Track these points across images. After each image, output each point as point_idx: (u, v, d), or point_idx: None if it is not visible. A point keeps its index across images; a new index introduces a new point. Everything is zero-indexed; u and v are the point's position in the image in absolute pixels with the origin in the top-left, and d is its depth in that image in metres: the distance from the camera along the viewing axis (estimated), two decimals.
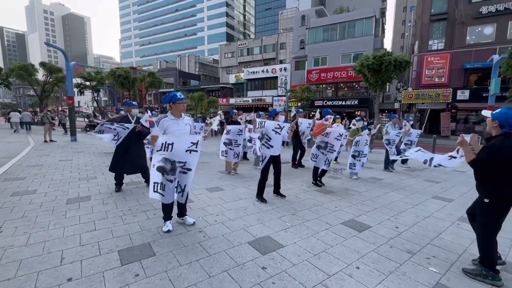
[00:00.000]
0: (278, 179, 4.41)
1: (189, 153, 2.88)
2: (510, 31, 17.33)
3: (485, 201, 2.28)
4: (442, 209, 4.19)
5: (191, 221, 3.23)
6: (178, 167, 2.87)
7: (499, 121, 2.21)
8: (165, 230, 2.99)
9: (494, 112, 2.30)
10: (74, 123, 12.33)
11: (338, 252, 2.68)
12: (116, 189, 4.51)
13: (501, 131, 2.22)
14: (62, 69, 26.57)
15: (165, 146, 2.78)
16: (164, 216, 3.08)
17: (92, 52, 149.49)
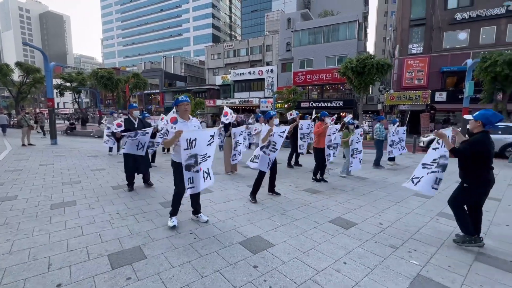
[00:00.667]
0: (274, 178, 4.65)
1: (209, 146, 3.16)
2: (482, 36, 18.42)
3: (464, 186, 2.83)
4: (423, 205, 4.42)
5: (205, 218, 3.42)
6: (199, 158, 3.07)
7: (482, 121, 2.72)
8: (171, 225, 3.15)
9: (475, 114, 2.82)
10: (54, 125, 11.87)
11: (326, 249, 2.78)
12: (128, 189, 4.73)
13: (482, 129, 2.73)
14: (40, 69, 25.44)
15: (190, 142, 2.93)
16: (172, 211, 3.24)
17: (72, 52, 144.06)
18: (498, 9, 17.58)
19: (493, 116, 2.66)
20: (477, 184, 2.74)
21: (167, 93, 42.42)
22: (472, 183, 2.75)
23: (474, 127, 2.78)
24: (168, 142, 3.03)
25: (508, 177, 6.82)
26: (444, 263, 2.57)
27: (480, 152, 2.63)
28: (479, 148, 2.63)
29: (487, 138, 2.66)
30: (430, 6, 19.63)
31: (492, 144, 2.71)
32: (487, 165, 2.69)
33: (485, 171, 2.71)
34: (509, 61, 12.81)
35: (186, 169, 2.97)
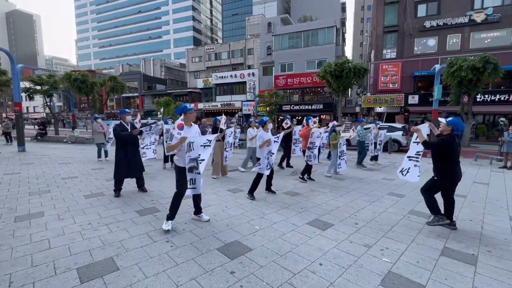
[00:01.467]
0: (271, 178, 5.06)
1: (204, 148, 3.23)
2: (449, 43, 19.72)
3: (434, 178, 3.50)
4: (396, 204, 4.62)
5: (207, 218, 3.61)
6: (198, 161, 3.20)
7: (453, 127, 3.35)
8: (165, 228, 3.22)
9: (448, 120, 3.43)
10: (22, 131, 11.15)
11: (303, 251, 2.83)
12: (115, 194, 4.69)
13: (450, 132, 3.36)
14: (6, 72, 23.79)
15: (189, 146, 3.13)
16: (169, 214, 3.30)
17: (43, 53, 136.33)
18: (461, 18, 18.94)
19: (460, 125, 3.34)
20: (446, 176, 3.37)
21: (147, 96, 41.34)
22: (441, 175, 3.39)
23: (445, 129, 3.41)
24: (171, 147, 3.20)
25: (473, 175, 7.31)
26: (413, 260, 2.70)
27: (446, 148, 3.30)
28: (446, 144, 3.29)
29: (454, 139, 3.32)
30: (401, 14, 20.75)
31: (459, 144, 3.38)
32: (453, 160, 3.34)
33: (453, 165, 3.34)
34: (472, 67, 13.83)
35: (189, 171, 3.21)
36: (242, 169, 7.28)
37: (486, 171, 7.98)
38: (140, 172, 4.95)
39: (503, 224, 3.75)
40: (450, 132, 3.34)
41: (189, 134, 3.20)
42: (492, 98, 18.29)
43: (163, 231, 3.21)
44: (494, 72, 13.71)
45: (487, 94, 18.34)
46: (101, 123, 8.88)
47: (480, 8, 18.56)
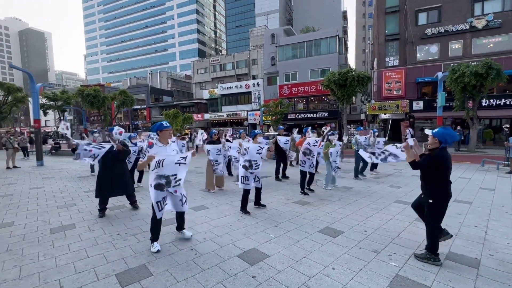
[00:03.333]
0: (260, 192, 4.94)
1: (178, 165, 3.14)
2: (451, 49, 19.95)
3: (430, 202, 2.94)
4: (403, 211, 4.82)
5: (189, 234, 3.59)
6: (172, 180, 3.13)
7: (439, 138, 2.88)
8: (154, 250, 3.18)
9: (434, 131, 2.96)
10: (40, 147, 11.71)
11: (317, 257, 3.07)
12: (100, 214, 4.55)
13: (439, 146, 2.89)
14: (22, 89, 24.96)
15: (158, 163, 3.07)
16: (152, 237, 3.26)
17: (53, 69, 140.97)
18: (462, 25, 19.22)
19: (449, 136, 2.83)
20: (439, 196, 2.91)
21: (154, 108, 42.30)
22: (435, 197, 2.91)
23: (432, 143, 2.94)
24: (141, 164, 3.26)
25: (480, 181, 7.42)
26: (419, 263, 2.91)
27: (436, 166, 2.84)
28: (436, 161, 2.82)
29: (446, 154, 2.86)
30: (402, 22, 21.16)
31: (450, 159, 2.91)
32: (444, 177, 2.89)
33: (445, 184, 2.91)
34: (475, 73, 14.00)
35: (156, 189, 3.10)
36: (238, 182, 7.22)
37: (493, 177, 8.07)
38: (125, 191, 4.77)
39: (507, 229, 3.93)
40: (438, 146, 2.89)
41: (163, 152, 3.18)
42: (498, 102, 18.31)
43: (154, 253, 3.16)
44: (498, 77, 13.85)
45: (492, 99, 18.38)
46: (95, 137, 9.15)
47: (481, 15, 18.83)
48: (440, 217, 2.95)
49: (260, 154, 4.57)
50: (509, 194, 5.96)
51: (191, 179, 7.91)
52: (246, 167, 4.54)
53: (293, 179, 7.82)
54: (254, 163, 4.55)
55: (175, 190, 3.22)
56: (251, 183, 4.59)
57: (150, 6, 79.69)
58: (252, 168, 4.54)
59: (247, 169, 4.54)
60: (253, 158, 4.54)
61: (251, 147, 4.56)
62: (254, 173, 4.59)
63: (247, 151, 4.55)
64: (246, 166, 4.53)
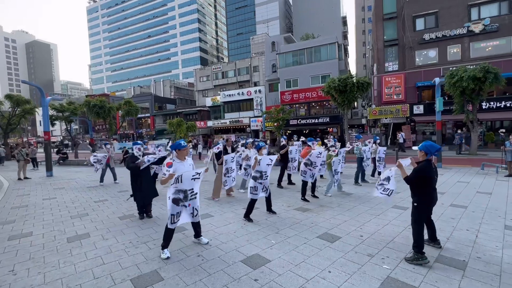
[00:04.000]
0: (270, 199, 5.32)
1: (194, 181, 3.53)
2: (449, 54, 20.20)
3: (414, 205, 3.37)
4: (399, 216, 5.03)
5: (206, 240, 3.91)
6: (189, 194, 3.50)
7: (424, 151, 3.38)
8: (164, 257, 3.44)
9: (419, 146, 3.48)
10: (50, 158, 12.10)
11: (314, 261, 3.31)
12: (140, 217, 5.21)
13: (426, 157, 3.36)
14: (30, 101, 25.64)
15: (177, 179, 3.41)
16: (163, 244, 3.54)
17: (59, 79, 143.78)
18: (460, 30, 19.50)
19: (431, 147, 3.33)
20: (423, 201, 3.31)
21: (158, 116, 42.96)
22: (419, 201, 3.31)
23: (420, 156, 3.42)
24: (163, 181, 3.53)
25: (478, 185, 7.59)
26: (409, 266, 3.14)
27: (423, 177, 3.26)
28: (421, 174, 3.26)
29: (429, 165, 3.28)
30: (400, 28, 21.51)
31: (435, 170, 3.39)
32: (430, 186, 3.30)
33: (430, 190, 3.31)
34: (473, 77, 14.20)
35: (174, 203, 3.42)
36: (242, 190, 7.46)
37: (491, 180, 8.22)
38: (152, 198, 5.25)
39: (496, 232, 4.12)
40: (425, 157, 3.35)
41: (182, 168, 3.54)
42: (498, 104, 18.43)
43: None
44: (496, 81, 14.04)
45: (492, 101, 18.51)
46: (108, 149, 9.60)
47: (477, 19, 19.12)
48: (422, 219, 3.37)
49: (270, 165, 4.93)
50: (505, 198, 6.14)
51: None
52: (256, 178, 4.82)
53: (298, 185, 8.07)
54: (264, 174, 4.85)
55: (189, 204, 3.54)
56: (259, 194, 4.87)
57: (153, 16, 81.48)
58: (261, 178, 4.84)
59: (257, 180, 4.82)
60: (264, 169, 4.85)
61: (263, 159, 4.86)
62: (263, 183, 4.87)
63: (260, 163, 4.84)
64: (257, 176, 4.82)
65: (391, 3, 22.13)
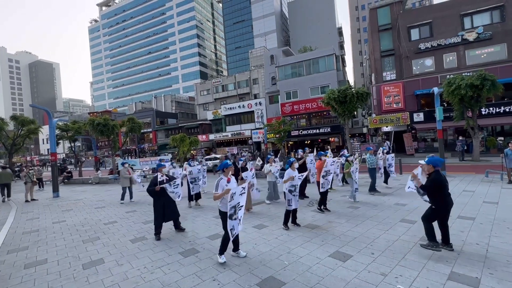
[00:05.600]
0: (296, 211, 5.75)
1: (241, 195, 4.07)
2: (445, 62, 20.59)
3: (433, 207, 4.07)
4: (408, 231, 5.07)
5: (244, 254, 4.29)
6: (237, 208, 4.01)
7: (432, 164, 4.06)
8: (222, 261, 4.02)
9: (426, 160, 4.16)
10: (56, 179, 12.22)
11: (329, 282, 3.36)
12: (156, 238, 5.36)
13: (433, 169, 4.04)
14: (35, 121, 26.05)
15: (232, 196, 3.90)
16: (222, 250, 4.11)
17: (61, 97, 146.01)
18: (454, 38, 19.97)
19: (438, 161, 4.03)
20: (441, 206, 3.98)
21: (160, 131, 43.32)
22: (437, 204, 3.99)
23: (428, 168, 4.10)
24: (218, 196, 3.98)
25: (483, 194, 7.62)
26: (423, 285, 3.18)
27: (438, 185, 3.92)
28: (437, 182, 3.93)
29: (439, 175, 3.95)
30: (396, 39, 22.03)
31: (445, 178, 4.00)
32: (444, 192, 3.96)
33: (445, 196, 3.96)
34: (470, 84, 14.45)
35: (229, 218, 3.92)
36: (268, 201, 8.11)
37: (496, 188, 8.25)
38: (175, 216, 5.67)
39: (507, 246, 4.16)
40: (433, 169, 4.01)
41: (232, 185, 4.06)
42: (497, 110, 18.61)
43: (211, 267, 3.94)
44: (493, 88, 14.27)
45: (491, 107, 18.70)
46: (128, 168, 9.81)
47: (471, 28, 19.61)
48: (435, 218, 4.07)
49: (301, 180, 5.52)
50: (511, 207, 6.17)
51: (202, 204, 8.26)
52: (291, 191, 5.39)
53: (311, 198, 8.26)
54: (297, 187, 5.44)
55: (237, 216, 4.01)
56: (293, 205, 5.42)
57: (153, 33, 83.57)
58: (295, 191, 5.42)
59: (292, 193, 5.39)
60: (297, 183, 5.43)
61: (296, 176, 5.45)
62: (297, 196, 5.44)
63: (294, 179, 5.40)
64: (292, 190, 5.39)
65: (386, 15, 22.77)
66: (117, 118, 39.23)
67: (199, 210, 7.77)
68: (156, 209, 5.42)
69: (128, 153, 45.27)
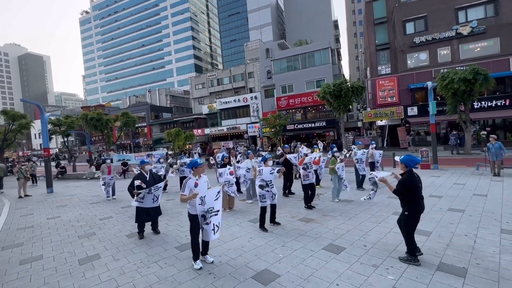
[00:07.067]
0: (275, 210, 5.48)
1: (216, 200, 3.79)
2: (440, 56, 20.71)
3: (406, 213, 3.62)
4: None
5: (211, 259, 3.99)
6: (209, 213, 3.73)
7: (405, 164, 3.64)
8: (197, 267, 3.75)
9: (400, 158, 3.75)
10: (50, 174, 12.09)
11: (322, 274, 3.45)
12: (139, 236, 5.18)
13: (406, 169, 3.64)
14: (26, 115, 25.57)
15: (202, 199, 3.64)
16: (194, 257, 3.86)
17: (52, 91, 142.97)
18: (449, 32, 20.05)
19: (411, 161, 3.58)
20: (414, 211, 3.55)
21: (154, 125, 42.95)
22: (409, 210, 3.56)
23: (401, 168, 3.70)
24: (184, 199, 3.78)
25: (473, 187, 7.81)
26: (413, 276, 3.29)
27: (409, 188, 3.51)
28: (408, 185, 3.52)
29: (412, 176, 3.55)
30: (391, 32, 22.02)
31: (418, 179, 3.61)
32: (416, 195, 3.54)
33: (416, 200, 3.54)
34: (464, 79, 14.60)
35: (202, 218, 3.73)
36: (249, 201, 7.69)
37: (486, 181, 8.46)
38: (158, 216, 5.38)
39: (494, 237, 4.31)
40: (406, 169, 3.60)
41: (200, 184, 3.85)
42: (489, 104, 18.90)
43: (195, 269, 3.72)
44: (485, 82, 14.45)
45: (483, 101, 18.97)
46: (109, 165, 9.55)
47: (465, 22, 19.69)
48: (413, 227, 3.62)
49: (273, 174, 5.21)
50: (500, 200, 6.35)
51: None
52: (263, 186, 5.14)
53: (299, 194, 8.21)
54: (269, 182, 5.16)
55: (210, 221, 3.74)
56: (268, 201, 5.18)
57: (146, 25, 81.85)
58: (268, 186, 5.15)
59: (263, 188, 5.14)
60: (267, 179, 5.16)
61: (264, 169, 5.19)
62: (270, 191, 5.17)
63: (261, 172, 5.18)
64: (263, 185, 5.14)
65: (381, 8, 22.68)
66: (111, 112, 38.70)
67: None
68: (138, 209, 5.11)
69: (123, 148, 44.89)
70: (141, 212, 5.11)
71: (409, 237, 3.61)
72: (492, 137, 9.46)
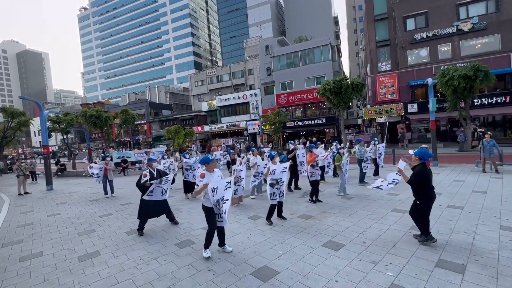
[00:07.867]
0: (281, 205, 5.63)
1: (226, 190, 3.96)
2: (440, 52, 20.60)
3: (417, 202, 4.01)
4: (399, 220, 5.20)
5: (230, 249, 4.19)
6: (220, 201, 3.92)
7: (419, 157, 3.98)
8: (206, 256, 3.94)
9: (415, 152, 4.09)
10: (50, 172, 12.09)
11: (321, 271, 3.45)
12: (139, 234, 5.17)
13: (419, 162, 4.00)
14: (25, 113, 25.47)
15: (213, 190, 3.79)
16: (206, 245, 4.03)
17: (51, 88, 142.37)
18: (449, 29, 19.92)
19: (425, 154, 3.95)
20: (425, 200, 3.93)
21: (154, 122, 42.86)
22: (421, 199, 3.94)
23: (414, 160, 4.04)
24: (197, 192, 3.93)
25: (473, 184, 7.81)
26: (412, 272, 3.30)
27: (422, 179, 3.88)
28: (421, 176, 3.88)
29: (425, 168, 3.91)
30: (392, 29, 21.89)
31: (430, 171, 3.95)
32: (428, 186, 3.91)
33: (428, 190, 3.90)
34: (464, 75, 14.54)
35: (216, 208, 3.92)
36: (252, 196, 7.79)
37: (485, 178, 8.46)
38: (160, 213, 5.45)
39: (493, 233, 4.31)
40: (419, 161, 3.97)
41: (212, 179, 3.96)
42: (489, 101, 18.85)
43: (204, 258, 3.92)
44: (486, 79, 14.39)
45: (484, 98, 18.92)
46: (107, 161, 9.39)
47: (466, 18, 19.56)
48: (424, 214, 3.99)
49: (285, 172, 5.32)
50: (499, 197, 6.35)
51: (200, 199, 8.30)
52: (273, 185, 5.26)
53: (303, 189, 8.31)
54: (279, 180, 5.26)
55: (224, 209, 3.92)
56: (277, 198, 5.33)
57: (145, 22, 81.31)
58: (278, 184, 5.26)
59: (274, 186, 5.25)
60: (279, 177, 5.26)
61: (277, 168, 5.28)
62: (280, 189, 5.29)
63: (274, 173, 5.25)
64: (273, 183, 5.26)
65: (382, 4, 22.51)
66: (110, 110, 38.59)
67: (195, 202, 7.81)
68: (142, 203, 5.14)
69: (122, 145, 44.83)
70: (146, 207, 5.14)
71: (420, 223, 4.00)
72: (487, 134, 9.52)
